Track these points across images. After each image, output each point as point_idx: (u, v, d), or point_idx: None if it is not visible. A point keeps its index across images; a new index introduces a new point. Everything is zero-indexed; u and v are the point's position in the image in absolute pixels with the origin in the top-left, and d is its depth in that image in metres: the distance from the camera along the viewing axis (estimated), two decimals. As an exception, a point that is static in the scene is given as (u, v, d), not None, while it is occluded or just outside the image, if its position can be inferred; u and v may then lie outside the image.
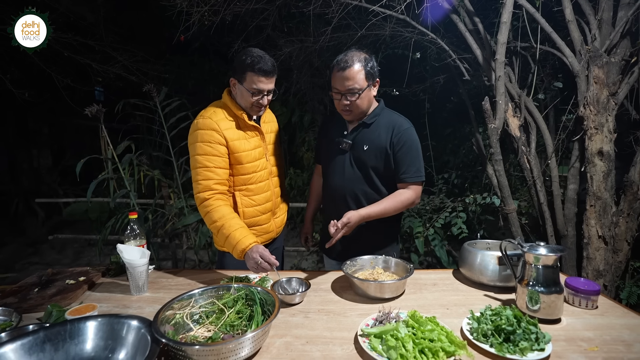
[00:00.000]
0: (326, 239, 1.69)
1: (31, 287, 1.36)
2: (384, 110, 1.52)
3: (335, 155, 1.55)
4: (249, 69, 1.36)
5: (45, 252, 4.88)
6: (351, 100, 1.41)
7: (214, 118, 1.41)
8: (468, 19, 2.41)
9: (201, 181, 1.40)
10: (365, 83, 1.40)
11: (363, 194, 1.51)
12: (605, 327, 1.00)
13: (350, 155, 1.51)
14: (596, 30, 1.96)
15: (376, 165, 1.48)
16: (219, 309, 1.03)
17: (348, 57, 1.38)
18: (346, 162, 1.52)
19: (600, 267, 1.99)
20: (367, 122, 1.49)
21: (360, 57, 1.39)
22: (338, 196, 1.55)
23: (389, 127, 1.47)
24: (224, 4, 2.85)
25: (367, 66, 1.39)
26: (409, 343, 0.85)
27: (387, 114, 1.52)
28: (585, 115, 1.97)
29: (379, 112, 1.50)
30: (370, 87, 1.43)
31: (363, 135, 1.49)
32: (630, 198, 1.98)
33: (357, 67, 1.37)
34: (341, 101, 1.42)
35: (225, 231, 1.34)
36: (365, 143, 1.48)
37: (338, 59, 1.41)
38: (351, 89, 1.39)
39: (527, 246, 1.10)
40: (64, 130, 7.35)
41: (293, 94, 5.02)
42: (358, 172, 1.50)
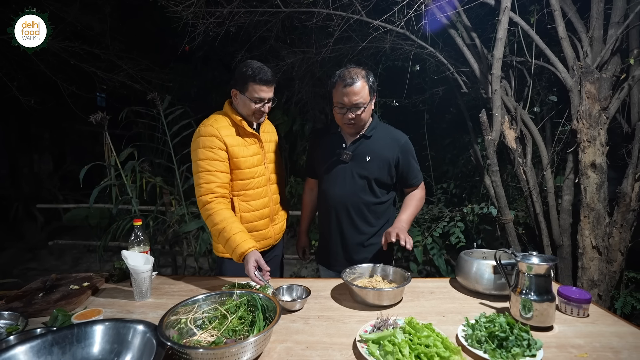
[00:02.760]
0: (323, 251, 1.73)
1: (36, 292, 1.39)
2: (379, 124, 1.62)
3: (334, 167, 1.60)
4: (251, 79, 1.44)
5: (44, 257, 4.88)
6: (356, 114, 1.48)
7: (215, 125, 1.48)
8: (466, 33, 2.48)
9: (203, 184, 1.45)
10: (369, 97, 1.48)
11: (364, 203, 1.57)
12: (595, 335, 1.04)
13: (352, 166, 1.57)
14: (588, 47, 2.03)
15: (379, 175, 1.55)
16: (221, 314, 1.06)
17: (352, 73, 1.45)
18: (347, 173, 1.57)
19: (595, 277, 2.02)
20: (367, 134, 1.56)
21: (362, 72, 1.46)
22: (339, 206, 1.60)
23: (391, 141, 1.56)
24: (229, 16, 2.92)
25: (369, 81, 1.48)
26: (406, 348, 0.88)
27: (383, 127, 1.62)
28: (579, 129, 2.02)
29: (375, 125, 1.59)
30: (371, 101, 1.51)
31: (365, 147, 1.56)
32: (623, 209, 2.02)
33: (362, 82, 1.45)
34: (346, 115, 1.49)
35: (225, 234, 1.39)
36: (367, 154, 1.55)
37: (341, 74, 1.47)
38: (357, 104, 1.46)
39: (520, 255, 1.14)
40: (65, 136, 7.40)
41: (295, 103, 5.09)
42: (360, 182, 1.56)
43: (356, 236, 1.61)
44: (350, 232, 1.61)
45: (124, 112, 3.20)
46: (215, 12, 2.90)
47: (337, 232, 1.63)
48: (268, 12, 2.96)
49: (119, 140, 3.27)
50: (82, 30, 4.21)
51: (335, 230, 1.63)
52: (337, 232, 1.63)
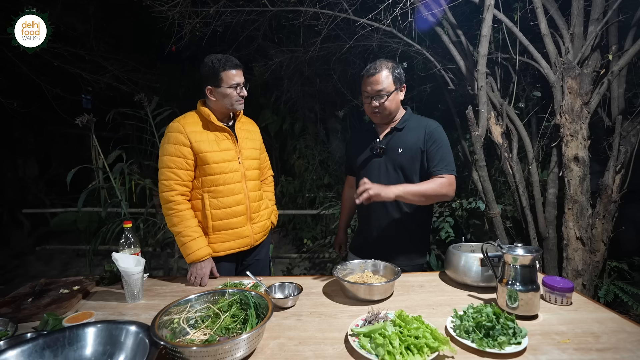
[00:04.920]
0: (358, 241, 1.77)
1: (25, 297, 1.37)
2: (412, 116, 1.64)
3: (369, 161, 1.64)
4: (221, 69, 1.48)
5: (31, 263, 4.78)
6: (380, 102, 1.52)
7: (182, 122, 1.52)
8: (452, 31, 2.52)
9: (164, 181, 1.50)
10: (393, 86, 1.52)
11: None
12: (577, 322, 1.08)
13: (386, 160, 1.59)
14: (569, 44, 2.08)
15: (412, 165, 1.56)
16: (214, 313, 1.06)
17: (377, 64, 1.52)
18: (382, 167, 1.60)
19: (579, 267, 2.09)
20: (398, 127, 1.60)
21: (388, 64, 1.53)
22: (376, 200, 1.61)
23: (420, 128, 1.57)
24: (216, 16, 2.91)
25: (394, 72, 1.53)
26: (396, 340, 0.90)
27: (416, 118, 1.64)
28: (562, 123, 2.08)
29: (408, 118, 1.62)
30: (397, 91, 1.55)
31: (397, 139, 1.59)
32: (605, 201, 2.09)
33: (385, 72, 1.51)
34: (371, 104, 1.55)
35: (182, 239, 1.47)
36: (399, 146, 1.57)
37: (367, 67, 1.55)
38: (379, 91, 1.51)
39: (505, 247, 1.17)
40: (51, 139, 7.24)
41: (284, 102, 5.09)
42: (394, 174, 1.58)
43: (392, 227, 1.61)
44: (386, 223, 1.62)
45: (110, 114, 3.15)
46: (201, 11, 2.88)
47: (373, 224, 1.64)
48: (255, 11, 2.95)
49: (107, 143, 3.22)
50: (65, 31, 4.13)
51: (372, 222, 1.65)
52: (373, 224, 1.64)
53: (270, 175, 1.90)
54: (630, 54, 1.96)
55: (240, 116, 1.66)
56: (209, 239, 1.55)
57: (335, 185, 5.01)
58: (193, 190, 1.56)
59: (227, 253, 1.59)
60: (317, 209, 4.22)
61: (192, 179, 1.54)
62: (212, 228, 1.54)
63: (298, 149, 5.27)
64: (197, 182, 1.54)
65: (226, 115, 1.60)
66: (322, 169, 5.23)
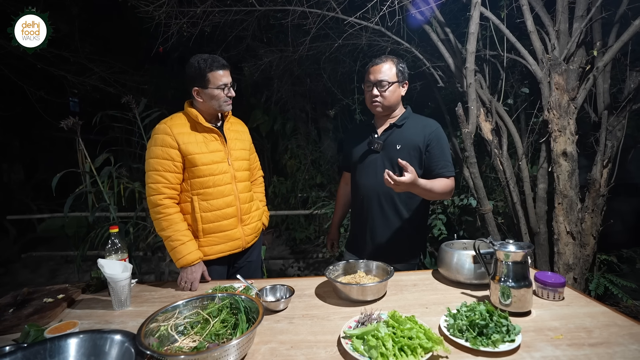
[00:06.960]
0: (353, 239, 1.75)
1: (5, 307, 1.32)
2: (412, 114, 1.64)
3: (366, 156, 1.62)
4: (208, 70, 1.45)
5: (17, 271, 4.66)
6: (381, 92, 1.53)
7: (169, 123, 1.49)
8: (440, 29, 2.53)
9: (151, 184, 1.45)
10: (395, 78, 1.54)
11: (396, 193, 1.56)
12: (570, 317, 1.08)
13: (383, 156, 1.58)
14: (555, 40, 2.10)
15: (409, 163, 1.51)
16: (203, 319, 1.04)
17: (382, 57, 1.56)
18: (378, 163, 1.59)
19: (570, 261, 2.11)
20: (398, 123, 1.59)
21: (393, 58, 1.56)
22: (371, 195, 1.60)
23: (420, 127, 1.58)
24: (203, 16, 2.87)
25: (398, 65, 1.55)
26: (389, 342, 0.89)
27: (416, 117, 1.64)
28: (550, 119, 2.09)
29: (408, 116, 1.62)
30: (399, 85, 1.55)
31: (395, 136, 1.58)
32: (594, 195, 2.11)
33: (389, 64, 1.54)
34: (372, 92, 1.55)
35: (172, 243, 1.44)
36: (397, 143, 1.57)
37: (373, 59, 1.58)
38: (381, 81, 1.52)
39: (497, 244, 1.17)
40: (36, 143, 7.08)
41: (275, 102, 5.05)
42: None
43: (386, 226, 1.60)
44: (381, 221, 1.60)
45: (97, 116, 3.08)
46: (188, 11, 2.84)
47: (367, 222, 1.63)
48: (243, 10, 2.92)
49: (94, 146, 3.15)
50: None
51: (366, 219, 1.63)
52: (367, 222, 1.63)
53: (261, 175, 1.87)
54: (614, 50, 1.98)
55: (228, 117, 1.63)
56: (199, 242, 1.51)
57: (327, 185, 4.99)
58: (182, 193, 1.52)
59: (218, 256, 1.56)
60: (310, 209, 4.20)
61: (181, 182, 1.51)
62: (203, 231, 1.51)
63: (290, 149, 5.24)
64: (185, 184, 1.51)
65: (214, 116, 1.57)
66: (314, 168, 5.21)
